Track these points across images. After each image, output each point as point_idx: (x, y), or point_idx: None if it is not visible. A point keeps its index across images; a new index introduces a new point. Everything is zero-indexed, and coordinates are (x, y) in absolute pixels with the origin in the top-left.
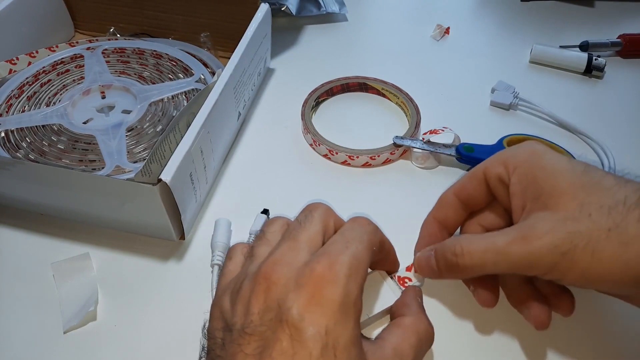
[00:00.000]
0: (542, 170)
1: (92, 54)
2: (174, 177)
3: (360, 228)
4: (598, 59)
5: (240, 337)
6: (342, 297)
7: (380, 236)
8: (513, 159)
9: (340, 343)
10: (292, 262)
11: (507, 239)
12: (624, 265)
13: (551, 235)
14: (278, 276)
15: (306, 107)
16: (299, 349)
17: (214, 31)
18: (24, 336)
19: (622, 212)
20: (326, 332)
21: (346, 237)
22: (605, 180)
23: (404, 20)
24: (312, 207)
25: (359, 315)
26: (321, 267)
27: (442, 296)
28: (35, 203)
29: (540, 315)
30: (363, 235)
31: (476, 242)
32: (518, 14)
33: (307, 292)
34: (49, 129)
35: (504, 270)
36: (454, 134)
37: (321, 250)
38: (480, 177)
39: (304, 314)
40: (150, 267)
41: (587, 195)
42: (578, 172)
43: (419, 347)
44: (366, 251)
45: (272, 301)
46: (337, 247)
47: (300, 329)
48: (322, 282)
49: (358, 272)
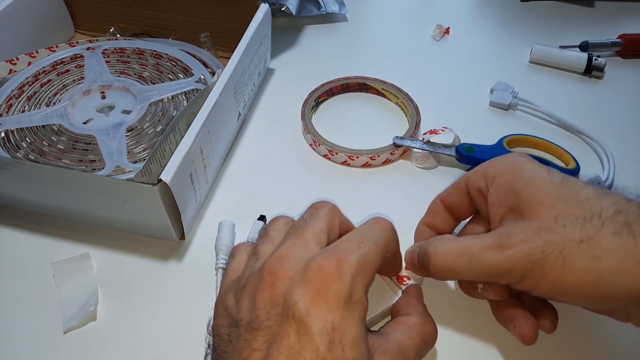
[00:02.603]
0: (520, 180)
1: (92, 54)
2: (174, 177)
3: (380, 232)
4: (598, 59)
5: (247, 332)
6: (347, 295)
7: (396, 246)
8: (492, 169)
9: (348, 339)
10: (297, 257)
11: (482, 245)
12: (595, 279)
13: (524, 245)
14: (284, 271)
15: (306, 107)
16: (305, 344)
17: (214, 31)
18: (24, 336)
19: (596, 225)
20: (333, 327)
21: (362, 236)
22: (583, 192)
23: (404, 20)
24: (317, 205)
25: (365, 313)
26: (328, 263)
27: (441, 296)
28: (35, 203)
29: (525, 329)
30: (380, 240)
31: (451, 245)
32: (518, 14)
33: (313, 287)
34: (49, 129)
35: (476, 277)
36: (454, 134)
37: (332, 245)
38: (463, 188)
39: (311, 308)
40: (150, 267)
41: (564, 206)
42: (556, 183)
43: (423, 348)
44: (378, 256)
45: (278, 296)
46: (350, 245)
47: (306, 323)
48: (329, 278)
49: (365, 274)
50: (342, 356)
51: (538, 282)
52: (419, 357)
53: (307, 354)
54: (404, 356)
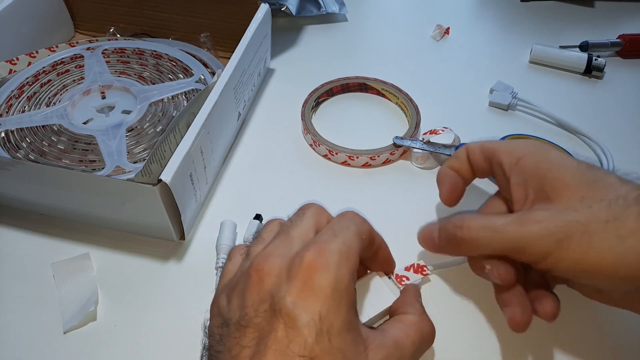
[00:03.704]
0: (547, 162)
1: (92, 54)
2: (174, 178)
3: (347, 220)
4: (598, 59)
5: (237, 330)
6: (333, 283)
7: (368, 227)
8: (518, 150)
9: (334, 328)
10: (283, 253)
11: (506, 219)
12: (618, 258)
13: (548, 222)
14: (270, 267)
15: (306, 107)
16: (293, 337)
17: (214, 31)
18: (24, 336)
19: (622, 206)
20: (320, 318)
21: (334, 228)
22: (607, 178)
23: (404, 20)
24: (304, 207)
25: (353, 301)
26: (310, 255)
27: (439, 296)
28: (35, 203)
29: (517, 315)
30: (350, 225)
31: (477, 219)
32: (518, 14)
33: (298, 281)
34: (49, 129)
35: (497, 251)
36: (454, 135)
37: (311, 240)
38: (487, 154)
39: (297, 302)
40: (150, 267)
41: (589, 190)
42: (582, 169)
43: (420, 346)
44: (355, 238)
45: (265, 292)
46: (326, 236)
47: (294, 317)
48: (313, 269)
49: (348, 258)
50: (328, 346)
51: (560, 261)
52: (416, 356)
53: (295, 347)
54: (400, 353)
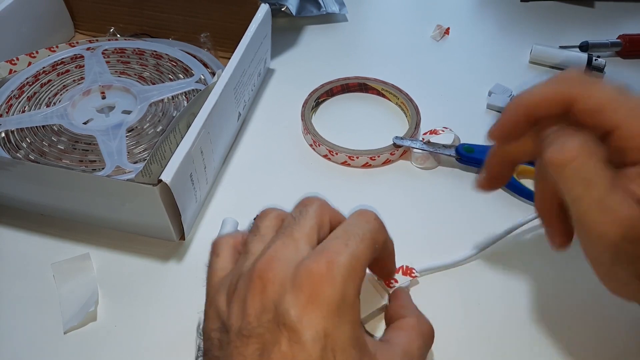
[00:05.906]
0: None
1: (92, 54)
2: (174, 178)
3: (365, 224)
4: (598, 60)
5: (238, 339)
6: (339, 299)
7: (384, 236)
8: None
9: (338, 345)
10: (287, 259)
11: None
12: None
13: None
14: (274, 274)
15: (306, 107)
16: (298, 352)
17: (214, 31)
18: (24, 336)
19: None
20: (325, 334)
21: (348, 233)
22: None
23: (404, 20)
24: (306, 202)
25: (358, 316)
26: (318, 267)
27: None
28: (35, 203)
29: (559, 238)
30: (366, 233)
31: None
32: (518, 14)
33: (304, 294)
34: (49, 130)
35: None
36: (454, 135)
37: (320, 247)
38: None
39: (302, 316)
40: (150, 267)
41: None
42: None
43: (425, 348)
44: (367, 250)
45: (268, 302)
46: (337, 244)
47: (298, 331)
48: (319, 282)
49: (356, 272)
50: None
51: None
52: (424, 357)
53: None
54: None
